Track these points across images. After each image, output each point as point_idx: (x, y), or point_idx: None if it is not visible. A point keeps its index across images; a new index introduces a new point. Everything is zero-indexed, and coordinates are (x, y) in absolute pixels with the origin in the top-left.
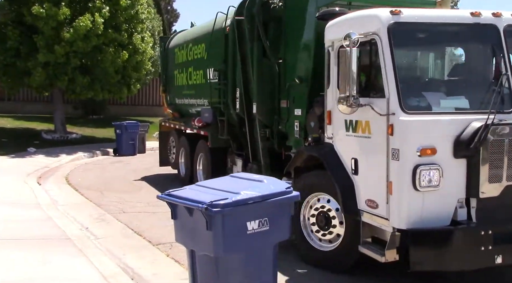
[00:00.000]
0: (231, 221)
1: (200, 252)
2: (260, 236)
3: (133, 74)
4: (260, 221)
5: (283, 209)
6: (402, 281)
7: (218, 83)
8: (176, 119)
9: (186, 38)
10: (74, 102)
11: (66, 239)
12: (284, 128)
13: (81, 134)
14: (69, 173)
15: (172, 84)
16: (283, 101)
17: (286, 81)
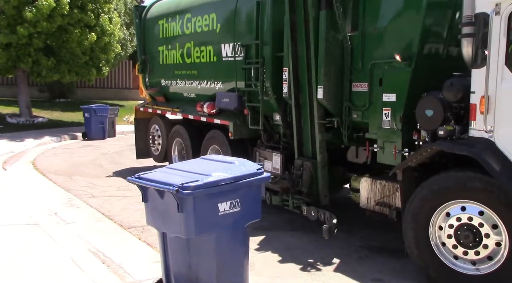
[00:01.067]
0: (203, 203)
1: (172, 234)
2: (232, 217)
3: (102, 56)
4: (232, 202)
5: (255, 190)
6: None
7: (246, 62)
8: (161, 105)
9: (177, 7)
10: (40, 85)
11: (34, 224)
12: (361, 118)
13: (47, 118)
14: (36, 158)
15: (155, 63)
16: (359, 84)
17: (365, 59)
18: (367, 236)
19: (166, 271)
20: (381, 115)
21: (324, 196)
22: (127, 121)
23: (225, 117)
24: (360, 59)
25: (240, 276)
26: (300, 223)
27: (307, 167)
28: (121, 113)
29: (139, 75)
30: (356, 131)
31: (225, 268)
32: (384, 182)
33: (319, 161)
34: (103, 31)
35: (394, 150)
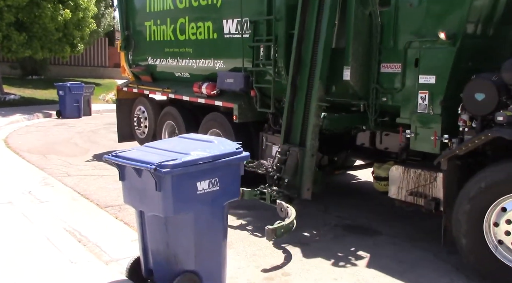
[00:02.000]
0: (181, 182)
1: (149, 213)
2: (210, 195)
3: (76, 33)
4: (210, 181)
5: (233, 169)
6: None
7: (255, 40)
8: (148, 85)
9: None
10: (11, 62)
11: (7, 202)
12: (391, 101)
13: (20, 96)
14: (8, 136)
15: (140, 40)
16: (389, 64)
17: (398, 37)
18: (342, 215)
19: (144, 249)
20: (416, 99)
21: (307, 189)
22: (103, 100)
23: (228, 99)
24: (391, 37)
25: (218, 254)
26: None
27: (293, 153)
28: (97, 92)
29: (121, 52)
30: (381, 116)
31: (203, 247)
32: (419, 171)
33: (308, 148)
34: (77, 6)
35: (434, 136)
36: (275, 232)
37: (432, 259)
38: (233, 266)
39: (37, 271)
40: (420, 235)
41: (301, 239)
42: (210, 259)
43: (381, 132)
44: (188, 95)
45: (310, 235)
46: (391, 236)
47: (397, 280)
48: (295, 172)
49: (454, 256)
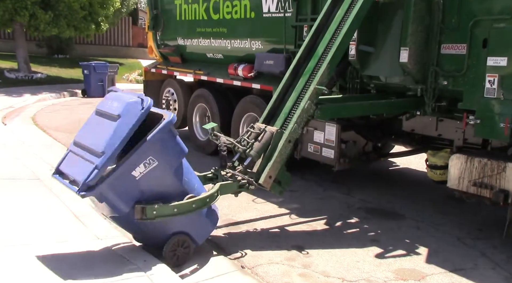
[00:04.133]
0: (115, 184)
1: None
2: (154, 171)
3: (100, 12)
4: (145, 162)
5: (164, 141)
6: None
7: (298, 19)
8: (178, 66)
9: None
10: (38, 40)
11: (35, 179)
12: (452, 85)
13: (46, 74)
14: (35, 114)
15: (170, 19)
16: (451, 45)
17: (462, 16)
18: (366, 198)
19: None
20: (483, 83)
21: (269, 176)
22: (126, 80)
23: (267, 81)
24: (455, 16)
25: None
26: (301, 184)
27: (269, 132)
28: (121, 72)
29: (148, 32)
30: (439, 101)
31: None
32: (485, 160)
33: (287, 131)
34: None
35: (505, 123)
36: (144, 212)
37: (457, 244)
38: (256, 246)
39: (69, 243)
40: (444, 219)
41: (323, 220)
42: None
43: (437, 118)
44: (222, 77)
45: (332, 217)
46: (414, 220)
47: (420, 263)
48: (261, 151)
49: (480, 241)
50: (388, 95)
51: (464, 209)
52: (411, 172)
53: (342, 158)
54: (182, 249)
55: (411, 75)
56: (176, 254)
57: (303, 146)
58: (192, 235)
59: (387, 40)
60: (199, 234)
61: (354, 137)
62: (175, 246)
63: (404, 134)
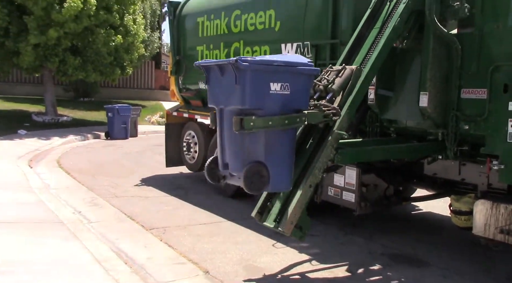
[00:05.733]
0: (257, 77)
1: (228, 107)
2: (281, 98)
3: (125, 57)
4: (282, 84)
5: (303, 80)
6: None
7: (317, 64)
8: (199, 109)
9: (223, 3)
10: (65, 84)
11: (58, 222)
12: (473, 129)
13: (72, 117)
14: (60, 156)
15: (192, 64)
16: (471, 90)
17: (482, 62)
18: (388, 243)
19: (221, 146)
20: (506, 128)
21: (290, 222)
22: (148, 122)
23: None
24: (474, 61)
25: (285, 159)
26: (321, 228)
27: (348, 69)
28: (143, 114)
29: (171, 77)
30: (460, 145)
31: (273, 147)
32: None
33: (308, 176)
34: (127, 32)
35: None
36: (242, 124)
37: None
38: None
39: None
40: (471, 267)
41: (344, 267)
42: (278, 159)
43: (459, 162)
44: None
45: (354, 263)
46: (439, 268)
47: None
48: (342, 88)
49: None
50: (409, 139)
51: (491, 257)
52: (434, 216)
53: (363, 201)
54: (258, 177)
55: (431, 120)
56: (253, 181)
57: (323, 189)
58: (270, 172)
59: (406, 84)
60: (275, 177)
61: (375, 180)
62: (254, 169)
63: (426, 178)
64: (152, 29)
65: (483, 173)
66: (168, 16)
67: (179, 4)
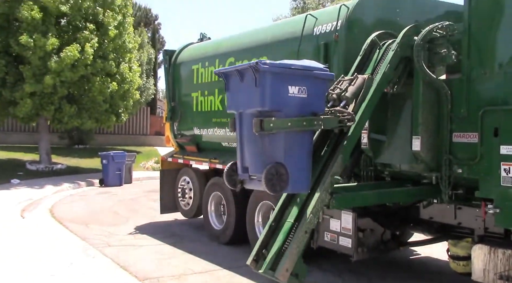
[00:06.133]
0: (276, 80)
1: (248, 110)
2: (299, 101)
3: (121, 103)
4: (300, 88)
5: (319, 84)
6: None
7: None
8: (194, 155)
9: (217, 51)
10: (60, 132)
11: (50, 275)
12: (467, 173)
13: (66, 165)
14: (53, 205)
15: (187, 111)
16: (463, 133)
17: (471, 106)
18: None
19: (241, 150)
20: (498, 171)
21: (285, 269)
22: (143, 168)
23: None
24: (464, 106)
25: (304, 161)
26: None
27: (360, 78)
28: (138, 160)
29: (166, 123)
30: (455, 189)
31: (291, 149)
32: (509, 251)
33: (304, 221)
34: (123, 79)
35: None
36: (262, 125)
37: None
38: None
39: None
40: None
41: None
42: (296, 161)
43: (455, 206)
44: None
45: None
46: None
47: None
48: (355, 96)
49: None
50: (403, 183)
51: None
52: (433, 261)
53: (360, 247)
54: (278, 177)
55: (424, 163)
56: (273, 181)
57: (320, 235)
58: (289, 173)
59: (398, 128)
60: (294, 178)
61: (371, 225)
62: (274, 170)
63: (423, 222)
64: (147, 76)
65: (479, 216)
66: (163, 64)
67: (174, 52)
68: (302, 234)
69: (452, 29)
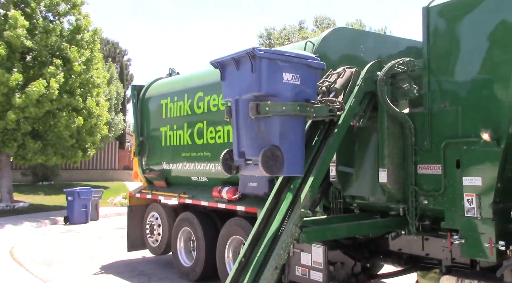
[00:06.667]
0: (271, 66)
1: (244, 96)
2: (293, 88)
3: (88, 138)
4: (293, 75)
5: (312, 73)
6: None
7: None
8: (162, 190)
9: (186, 86)
10: (23, 168)
11: None
12: (433, 204)
13: (29, 203)
14: (13, 246)
15: (155, 145)
16: (427, 165)
17: (434, 139)
18: None
19: (238, 134)
20: (462, 202)
21: None
22: (111, 203)
23: (251, 203)
24: (427, 138)
25: (298, 145)
26: None
27: (348, 71)
28: (106, 195)
29: (134, 158)
30: (422, 220)
31: (286, 133)
32: (476, 282)
33: (273, 258)
34: (90, 114)
35: (489, 243)
36: (258, 109)
37: None
38: None
39: None
40: None
41: None
42: (291, 144)
43: (422, 237)
44: (207, 200)
45: None
46: None
47: None
48: (344, 87)
49: None
50: (372, 215)
51: None
52: None
53: (331, 280)
54: (274, 158)
55: (391, 195)
56: (269, 162)
57: (291, 269)
58: (284, 156)
59: (365, 161)
60: (289, 161)
61: (342, 258)
62: (270, 152)
63: (392, 253)
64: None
65: (445, 247)
66: (132, 99)
67: (143, 87)
68: (272, 270)
69: (413, 64)
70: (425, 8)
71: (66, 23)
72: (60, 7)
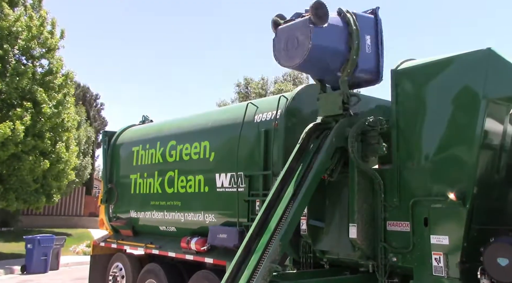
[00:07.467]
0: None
1: None
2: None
3: (54, 184)
4: None
5: None
6: None
7: (251, 194)
8: (129, 239)
9: (158, 134)
10: None
11: None
12: (401, 261)
13: None
14: None
15: (124, 193)
16: (396, 222)
17: (402, 196)
18: None
19: None
20: (430, 260)
21: None
22: (73, 252)
23: (220, 255)
24: (396, 195)
25: None
26: None
27: None
28: (68, 243)
29: (101, 205)
30: (391, 277)
31: None
32: None
33: None
34: (59, 159)
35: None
36: None
37: None
38: None
39: None
40: None
41: None
42: None
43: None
44: (174, 251)
45: None
46: None
47: None
48: None
49: None
50: (342, 271)
51: None
52: None
53: None
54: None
55: (361, 251)
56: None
57: None
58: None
59: (336, 216)
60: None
61: None
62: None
63: None
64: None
65: None
66: (102, 145)
67: (114, 133)
68: None
69: (382, 122)
70: (393, 71)
71: (39, 67)
72: (34, 51)
